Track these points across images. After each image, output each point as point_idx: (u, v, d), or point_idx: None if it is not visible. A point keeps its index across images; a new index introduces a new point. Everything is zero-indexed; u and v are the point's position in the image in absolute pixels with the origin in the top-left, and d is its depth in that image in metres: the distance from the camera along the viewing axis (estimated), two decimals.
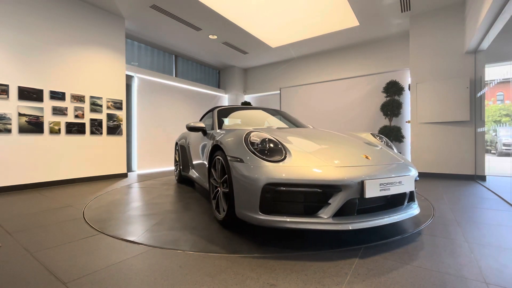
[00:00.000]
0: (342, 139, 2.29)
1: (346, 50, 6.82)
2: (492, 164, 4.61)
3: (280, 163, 1.66)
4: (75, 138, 4.44)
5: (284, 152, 1.76)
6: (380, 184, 1.62)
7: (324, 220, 1.54)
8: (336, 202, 1.56)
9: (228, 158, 1.92)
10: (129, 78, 5.86)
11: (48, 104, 4.10)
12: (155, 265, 1.46)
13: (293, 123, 3.38)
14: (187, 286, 1.25)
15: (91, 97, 4.64)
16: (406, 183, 1.75)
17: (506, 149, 5.86)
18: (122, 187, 3.99)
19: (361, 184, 1.57)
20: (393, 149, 2.33)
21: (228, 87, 8.65)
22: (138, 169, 5.96)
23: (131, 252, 1.64)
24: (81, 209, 2.68)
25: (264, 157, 1.71)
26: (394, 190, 1.68)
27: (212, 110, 3.46)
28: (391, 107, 5.51)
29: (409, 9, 4.88)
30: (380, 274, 1.34)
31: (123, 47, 5.16)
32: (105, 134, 4.84)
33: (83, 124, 4.53)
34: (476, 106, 4.61)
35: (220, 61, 7.96)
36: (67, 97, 4.33)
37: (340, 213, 1.60)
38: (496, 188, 3.68)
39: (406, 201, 1.87)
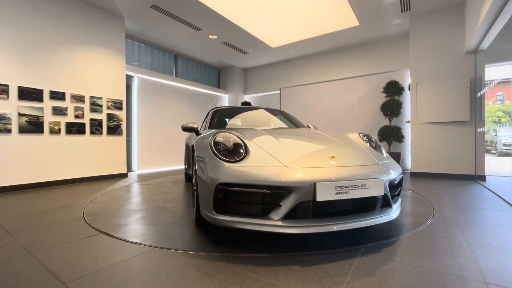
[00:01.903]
0: (318, 139, 2.22)
1: (346, 50, 6.82)
2: (492, 164, 4.61)
3: (236, 164, 1.65)
4: (75, 138, 4.44)
5: (244, 152, 1.75)
6: (336, 187, 1.53)
7: (273, 222, 1.51)
8: (286, 204, 1.51)
9: (196, 157, 1.96)
10: (129, 78, 5.87)
11: (48, 104, 4.10)
12: (155, 265, 1.46)
13: (292, 123, 3.35)
14: (187, 286, 1.25)
15: (91, 97, 4.64)
16: (372, 187, 1.62)
17: (506, 149, 5.86)
18: (130, 185, 4.01)
19: (314, 187, 1.51)
20: (381, 149, 2.21)
21: (228, 87, 8.65)
22: (138, 169, 5.96)
23: (131, 252, 1.64)
24: (81, 209, 2.69)
25: (223, 157, 1.71)
26: (355, 194, 1.57)
27: (209, 111, 3.53)
28: (391, 107, 5.51)
29: (409, 9, 4.88)
30: (380, 274, 1.34)
31: (123, 47, 5.16)
32: (105, 134, 4.84)
33: (83, 124, 4.53)
34: (476, 106, 4.61)
35: (220, 61, 7.96)
36: (67, 97, 4.33)
37: (294, 216, 1.55)
38: (496, 188, 3.68)
39: (379, 206, 1.75)
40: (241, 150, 1.77)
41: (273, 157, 1.71)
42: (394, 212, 1.79)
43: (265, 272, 1.37)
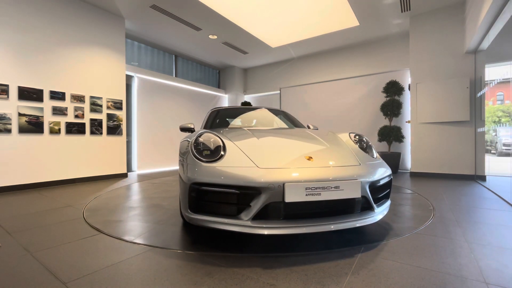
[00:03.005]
0: (302, 139, 2.19)
1: (346, 50, 6.82)
2: (492, 164, 4.61)
3: (211, 164, 1.66)
4: (75, 138, 4.43)
5: (221, 153, 1.75)
6: (306, 188, 1.49)
7: (243, 222, 1.51)
8: (256, 205, 1.50)
9: (179, 157, 2.03)
10: (129, 78, 5.87)
11: (48, 104, 4.10)
12: (155, 265, 1.46)
13: (291, 122, 3.32)
14: (187, 286, 1.25)
15: (91, 97, 4.64)
16: (347, 189, 1.56)
17: (506, 149, 5.86)
18: (131, 184, 4.01)
19: (283, 187, 1.48)
20: (371, 150, 2.13)
21: (228, 87, 8.65)
22: (138, 169, 5.96)
23: (131, 252, 1.64)
24: (81, 209, 2.69)
25: (200, 157, 1.73)
26: (327, 196, 1.52)
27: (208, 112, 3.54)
28: (391, 107, 5.51)
29: (409, 9, 4.88)
30: (380, 274, 1.34)
31: (123, 47, 5.16)
32: (105, 134, 4.84)
33: (83, 124, 4.53)
34: (476, 106, 4.61)
35: (220, 61, 7.96)
36: (67, 97, 4.33)
37: (266, 217, 1.53)
38: (496, 188, 3.68)
39: (359, 208, 1.67)
40: (220, 151, 1.78)
41: (248, 158, 1.70)
42: (376, 215, 1.71)
43: (265, 272, 1.37)
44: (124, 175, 5.12)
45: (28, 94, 3.90)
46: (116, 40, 5.03)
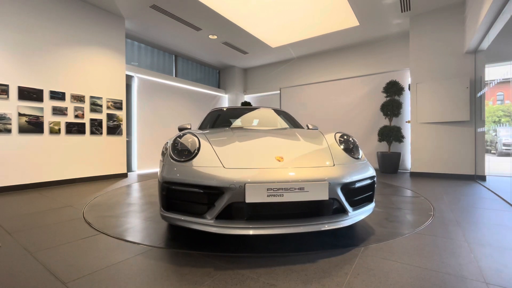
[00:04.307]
0: (281, 139, 2.16)
1: (346, 50, 6.82)
2: (492, 164, 4.61)
3: (182, 163, 1.70)
4: (75, 138, 4.43)
5: (194, 153, 1.77)
6: (268, 189, 1.47)
7: (207, 222, 1.53)
8: (219, 204, 1.52)
9: (160, 158, 2.07)
10: (129, 78, 5.86)
11: (48, 104, 4.10)
12: (155, 265, 1.46)
13: (289, 122, 3.30)
14: (187, 286, 1.25)
15: (91, 97, 4.64)
16: (313, 191, 1.51)
17: (506, 149, 5.85)
18: (131, 184, 4.00)
19: (244, 188, 1.47)
20: (358, 150, 2.03)
21: (228, 87, 8.65)
22: (138, 169, 5.96)
23: (131, 252, 1.64)
24: (81, 209, 2.69)
25: (174, 156, 1.77)
26: (290, 197, 1.49)
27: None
28: (391, 107, 5.51)
29: (409, 9, 4.88)
30: (380, 274, 1.34)
31: (123, 47, 5.16)
32: (105, 134, 4.84)
33: (83, 124, 4.53)
34: (476, 106, 4.61)
35: (220, 61, 7.96)
36: (67, 97, 4.33)
37: (230, 217, 1.54)
38: (496, 188, 3.68)
39: (330, 211, 1.62)
40: (194, 151, 1.79)
41: (217, 157, 1.71)
42: (350, 219, 1.64)
43: (265, 272, 1.37)
44: (124, 175, 5.12)
45: (28, 94, 3.89)
46: (116, 40, 5.03)
